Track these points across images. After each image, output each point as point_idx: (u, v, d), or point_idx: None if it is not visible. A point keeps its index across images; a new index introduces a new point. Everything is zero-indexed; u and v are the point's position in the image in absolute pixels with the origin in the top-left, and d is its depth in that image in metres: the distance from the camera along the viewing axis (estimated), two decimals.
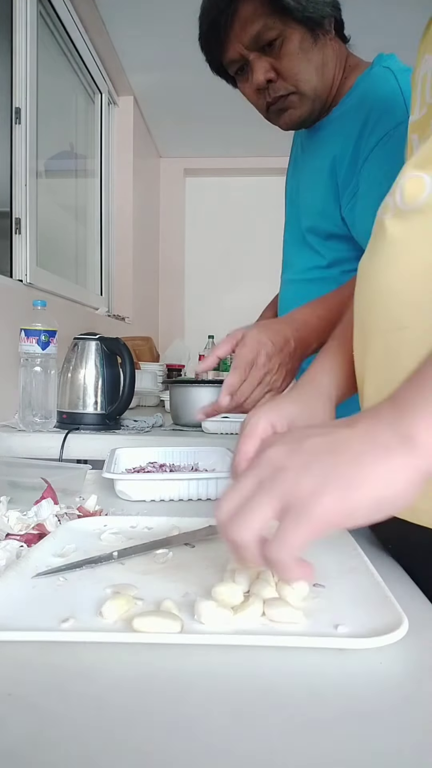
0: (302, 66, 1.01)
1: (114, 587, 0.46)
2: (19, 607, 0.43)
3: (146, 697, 0.33)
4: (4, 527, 0.61)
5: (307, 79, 1.02)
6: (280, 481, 0.36)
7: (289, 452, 0.37)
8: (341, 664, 0.37)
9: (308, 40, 1.00)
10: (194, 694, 0.33)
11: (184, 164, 4.01)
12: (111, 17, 2.37)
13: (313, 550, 0.55)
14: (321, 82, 1.04)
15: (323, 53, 1.03)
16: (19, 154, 1.82)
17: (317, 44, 1.01)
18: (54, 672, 0.35)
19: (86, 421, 1.35)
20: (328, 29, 1.02)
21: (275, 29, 0.98)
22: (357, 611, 0.42)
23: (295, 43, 0.99)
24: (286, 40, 0.99)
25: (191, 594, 0.45)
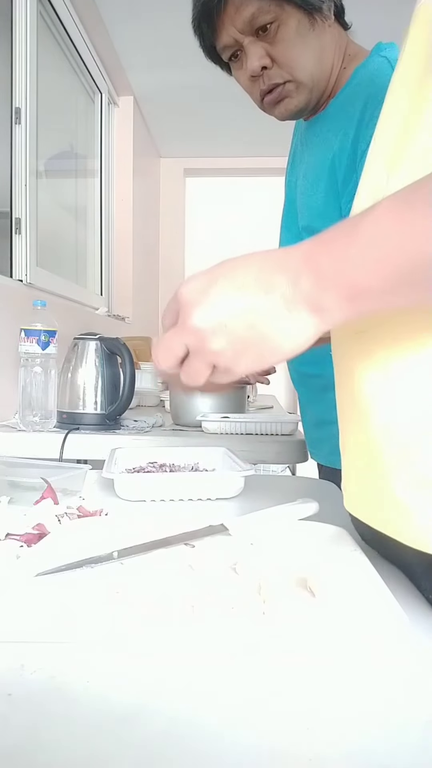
0: (299, 52, 0.97)
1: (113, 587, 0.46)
2: (19, 607, 0.43)
3: (146, 697, 0.33)
4: (4, 527, 0.61)
5: (303, 66, 0.98)
6: (210, 354, 0.45)
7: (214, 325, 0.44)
8: (341, 663, 0.37)
9: (305, 25, 0.96)
10: (193, 694, 0.33)
11: (184, 164, 4.01)
12: (111, 17, 2.37)
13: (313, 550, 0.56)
14: (319, 70, 0.99)
15: (321, 39, 0.98)
16: (19, 154, 1.83)
17: (315, 29, 0.97)
18: (54, 672, 0.35)
19: (86, 421, 1.35)
20: (328, 15, 0.97)
21: (270, 12, 0.94)
22: (357, 610, 0.42)
23: (291, 28, 0.95)
24: (282, 25, 0.95)
25: (191, 594, 0.45)
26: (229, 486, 0.83)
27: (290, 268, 0.42)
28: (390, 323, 0.44)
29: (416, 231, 0.37)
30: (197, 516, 0.65)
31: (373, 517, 0.49)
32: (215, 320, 0.44)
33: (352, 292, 0.40)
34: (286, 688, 0.34)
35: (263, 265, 0.43)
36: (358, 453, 0.50)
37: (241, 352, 0.44)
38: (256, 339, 0.44)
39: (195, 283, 0.45)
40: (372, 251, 0.38)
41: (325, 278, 0.41)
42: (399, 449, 0.44)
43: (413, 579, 0.51)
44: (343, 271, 0.40)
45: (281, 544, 0.57)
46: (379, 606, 0.42)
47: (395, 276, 0.38)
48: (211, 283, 0.44)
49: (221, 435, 1.31)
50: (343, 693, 0.34)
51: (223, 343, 0.44)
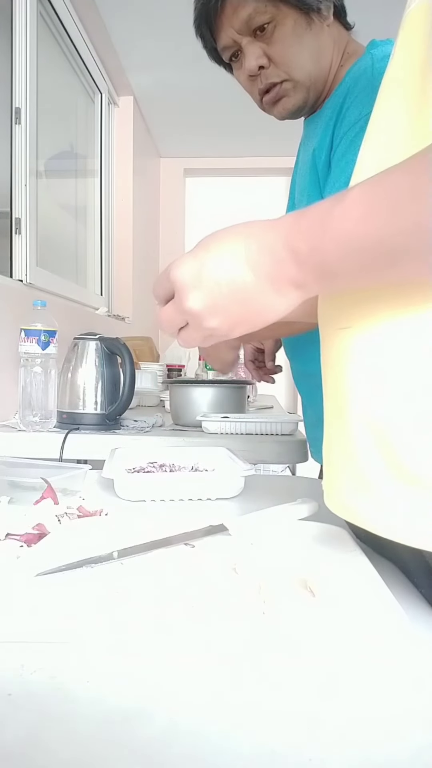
0: (295, 51, 0.98)
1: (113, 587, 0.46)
2: (20, 607, 0.43)
3: (146, 697, 0.33)
4: (4, 527, 0.61)
5: (301, 65, 0.99)
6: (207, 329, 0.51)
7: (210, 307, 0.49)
8: (341, 663, 0.37)
9: (302, 25, 0.97)
10: (193, 694, 0.33)
11: (184, 164, 4.01)
12: (111, 17, 2.37)
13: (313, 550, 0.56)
14: (316, 69, 1.00)
15: (319, 39, 0.98)
16: (19, 154, 1.83)
17: (312, 29, 0.97)
18: (54, 672, 0.35)
19: (86, 421, 1.35)
20: (326, 15, 0.98)
21: (267, 13, 0.95)
22: (356, 611, 0.42)
23: (288, 28, 0.96)
24: (279, 25, 0.96)
25: (191, 594, 0.45)
26: (229, 486, 0.83)
27: (273, 249, 0.46)
28: (373, 319, 0.46)
29: (383, 221, 0.39)
30: (197, 516, 0.65)
31: (351, 511, 0.49)
32: (210, 302, 0.49)
33: (323, 272, 0.44)
34: (286, 688, 0.34)
35: (249, 245, 0.47)
36: (339, 449, 0.50)
37: (234, 325, 0.50)
38: (248, 313, 0.49)
39: (187, 267, 0.49)
40: (342, 239, 0.42)
41: (303, 261, 0.45)
42: (379, 443, 0.45)
43: (408, 574, 0.51)
44: (317, 256, 0.44)
45: (281, 544, 0.57)
46: (379, 606, 0.42)
47: (362, 261, 0.41)
48: (203, 267, 0.49)
49: (221, 435, 1.31)
50: (343, 693, 0.34)
51: (218, 321, 0.50)
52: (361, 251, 0.41)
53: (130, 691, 0.34)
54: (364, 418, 0.46)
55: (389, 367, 0.45)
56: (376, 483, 0.45)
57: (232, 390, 1.44)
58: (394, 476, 0.43)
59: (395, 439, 0.44)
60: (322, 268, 0.44)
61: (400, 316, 0.44)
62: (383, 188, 0.40)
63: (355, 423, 0.47)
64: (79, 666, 0.36)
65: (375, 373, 0.46)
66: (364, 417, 0.46)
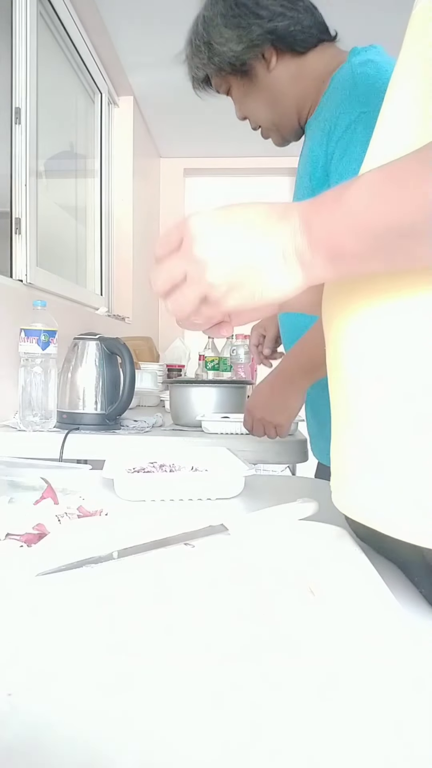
0: (252, 107, 1.12)
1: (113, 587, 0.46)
2: (19, 607, 0.43)
3: (146, 697, 0.33)
4: (4, 527, 0.61)
5: (261, 116, 1.12)
6: (206, 285, 0.48)
7: (217, 257, 0.47)
8: (340, 663, 0.37)
9: (246, 84, 1.08)
10: (194, 694, 0.33)
11: (184, 164, 4.01)
12: (111, 17, 2.37)
13: (313, 550, 0.56)
14: (276, 113, 1.11)
15: (269, 86, 1.08)
16: (19, 154, 1.82)
17: (257, 82, 1.08)
18: (54, 672, 0.35)
19: (86, 421, 1.35)
20: (267, 58, 1.05)
21: (222, 84, 1.12)
22: (356, 611, 0.42)
23: (238, 90, 1.11)
24: (233, 90, 1.12)
25: (191, 594, 0.45)
26: (229, 486, 0.83)
27: (290, 222, 0.46)
28: (380, 320, 0.46)
29: (393, 203, 0.40)
30: (197, 516, 0.65)
31: (359, 510, 0.49)
32: (218, 252, 0.47)
33: (334, 254, 0.44)
34: (286, 688, 0.34)
35: (270, 214, 0.47)
36: (344, 446, 0.50)
37: (233, 288, 0.48)
38: (251, 278, 0.47)
39: (205, 217, 0.49)
40: (353, 219, 0.42)
41: (316, 240, 0.45)
42: (383, 439, 0.45)
43: (408, 574, 0.51)
44: (328, 235, 0.44)
45: (281, 544, 0.57)
46: (379, 606, 0.42)
47: (372, 243, 0.42)
48: (221, 219, 0.48)
49: (221, 435, 1.31)
50: (343, 692, 0.34)
51: (220, 276, 0.47)
52: (371, 233, 0.41)
53: (129, 691, 0.34)
54: (371, 418, 0.46)
55: (396, 364, 0.45)
56: (384, 482, 0.45)
57: (232, 390, 1.44)
58: (403, 475, 0.43)
59: (403, 438, 0.44)
60: (330, 246, 0.44)
61: (407, 309, 0.44)
62: (394, 172, 0.41)
63: (363, 422, 0.47)
64: (79, 666, 0.36)
65: (382, 370, 0.46)
66: (371, 416, 0.46)
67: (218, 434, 1.32)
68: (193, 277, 0.48)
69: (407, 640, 0.38)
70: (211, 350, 2.55)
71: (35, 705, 0.32)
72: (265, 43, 1.04)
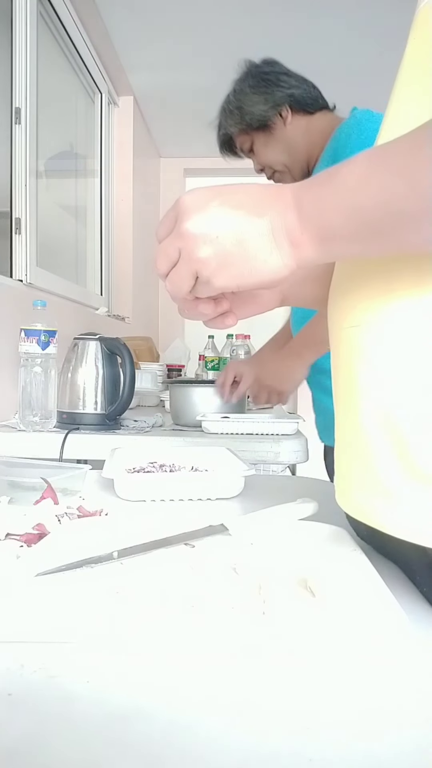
0: (270, 155, 1.44)
1: (113, 587, 0.46)
2: (20, 607, 0.43)
3: (145, 697, 0.33)
4: (4, 527, 0.61)
5: (277, 161, 1.44)
6: (197, 261, 0.48)
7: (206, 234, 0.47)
8: (341, 663, 0.37)
9: (267, 136, 1.42)
10: (193, 694, 0.33)
11: (184, 164, 4.01)
12: (111, 17, 2.37)
13: (313, 550, 0.56)
14: (290, 159, 1.43)
15: (286, 137, 1.41)
16: (19, 154, 1.82)
17: (275, 135, 1.42)
18: (54, 672, 0.35)
19: (86, 421, 1.35)
20: (277, 121, 1.40)
21: (246, 142, 1.46)
22: (356, 610, 0.42)
23: (260, 143, 1.44)
24: (254, 143, 1.45)
25: (190, 594, 0.45)
26: (229, 486, 0.83)
27: (282, 201, 0.46)
28: (382, 315, 0.46)
29: (384, 185, 0.40)
30: (197, 516, 0.65)
31: (362, 510, 0.49)
32: (208, 228, 0.47)
33: (324, 234, 0.44)
34: (286, 688, 0.34)
35: (262, 194, 0.47)
36: (351, 449, 0.50)
37: (224, 265, 0.48)
38: (241, 256, 0.47)
39: (197, 194, 0.49)
40: (343, 197, 0.42)
41: (306, 217, 0.44)
42: (388, 439, 0.45)
43: (409, 573, 0.51)
44: (319, 214, 0.44)
45: (281, 544, 0.57)
46: (379, 606, 0.42)
47: (361, 224, 0.42)
48: (213, 197, 0.48)
49: (221, 435, 1.31)
50: (343, 693, 0.34)
51: (210, 252, 0.47)
52: (361, 212, 0.41)
53: (129, 691, 0.34)
54: (375, 418, 0.46)
55: (400, 365, 0.45)
56: (388, 482, 0.45)
57: None
58: (407, 476, 0.44)
59: (407, 438, 0.44)
60: (322, 225, 0.44)
61: (411, 310, 0.44)
62: (386, 153, 0.41)
63: (367, 423, 0.47)
64: (79, 666, 0.36)
65: (386, 371, 0.46)
66: (375, 417, 0.46)
67: (218, 434, 1.32)
68: (186, 254, 0.49)
69: (407, 640, 0.38)
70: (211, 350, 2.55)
71: (35, 705, 0.32)
72: (284, 103, 1.39)
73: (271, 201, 0.46)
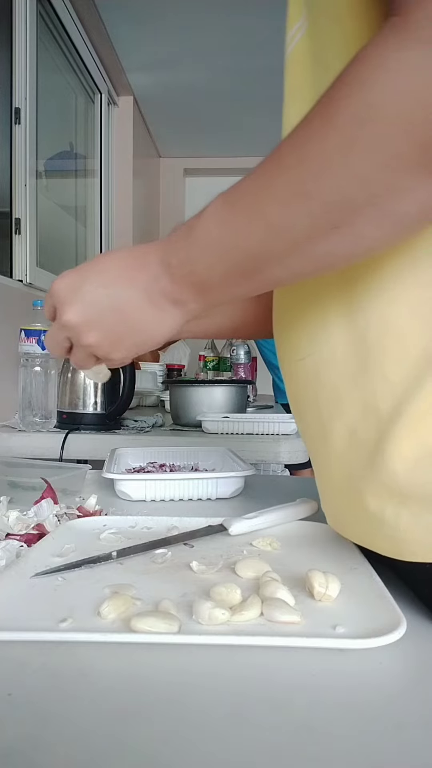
0: None
1: (112, 587, 0.46)
2: (19, 606, 0.43)
3: (145, 697, 0.33)
4: (4, 527, 0.61)
5: None
6: (87, 347, 0.50)
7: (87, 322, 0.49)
8: (341, 664, 0.37)
9: None
10: (193, 694, 0.33)
11: (184, 164, 4.01)
12: (111, 17, 2.37)
13: (313, 550, 0.56)
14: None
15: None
16: (19, 154, 1.83)
17: None
18: (53, 672, 0.35)
19: (86, 421, 1.35)
20: None
21: None
22: (355, 611, 0.42)
23: None
24: None
25: (189, 594, 0.45)
26: (229, 486, 0.83)
27: (149, 266, 0.46)
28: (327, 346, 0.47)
29: (238, 230, 0.40)
30: (197, 516, 0.65)
31: (352, 531, 0.50)
32: (87, 316, 0.48)
33: (200, 287, 0.45)
34: (286, 689, 0.34)
35: (128, 263, 0.48)
36: (327, 471, 0.51)
37: (116, 343, 0.49)
38: (128, 330, 0.49)
39: (67, 281, 0.50)
40: (204, 251, 0.43)
41: (178, 278, 0.45)
42: (364, 462, 0.45)
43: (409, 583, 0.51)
44: (188, 271, 0.44)
45: (281, 544, 0.57)
46: (379, 606, 0.42)
47: (228, 270, 0.42)
48: (83, 281, 0.49)
49: (221, 435, 1.31)
50: (343, 693, 0.34)
51: (98, 336, 0.49)
52: (225, 258, 0.42)
53: (130, 691, 0.34)
54: (342, 440, 0.47)
55: (350, 388, 0.45)
56: (367, 504, 0.45)
57: (232, 390, 1.44)
58: (383, 493, 0.44)
59: (373, 458, 0.44)
60: (194, 280, 0.44)
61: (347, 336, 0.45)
62: (237, 195, 0.41)
63: (337, 446, 0.47)
64: (79, 666, 0.36)
65: (338, 399, 0.46)
66: (344, 440, 0.47)
67: (218, 434, 1.32)
68: (76, 341, 0.50)
69: (406, 640, 0.38)
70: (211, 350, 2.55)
71: (35, 705, 0.32)
72: None
73: (140, 268, 0.47)
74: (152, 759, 0.28)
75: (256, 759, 0.28)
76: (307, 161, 0.35)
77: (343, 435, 0.47)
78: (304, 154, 0.36)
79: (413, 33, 0.30)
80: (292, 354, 0.51)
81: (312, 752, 0.29)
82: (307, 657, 0.37)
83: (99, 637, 0.39)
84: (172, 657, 0.37)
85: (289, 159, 0.37)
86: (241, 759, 0.28)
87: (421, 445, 0.41)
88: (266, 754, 0.29)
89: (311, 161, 0.35)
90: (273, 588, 0.44)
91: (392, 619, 0.40)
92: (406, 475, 0.42)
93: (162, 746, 0.29)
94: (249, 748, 0.29)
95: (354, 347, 0.45)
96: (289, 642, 0.38)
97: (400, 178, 0.33)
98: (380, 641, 0.37)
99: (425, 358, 0.41)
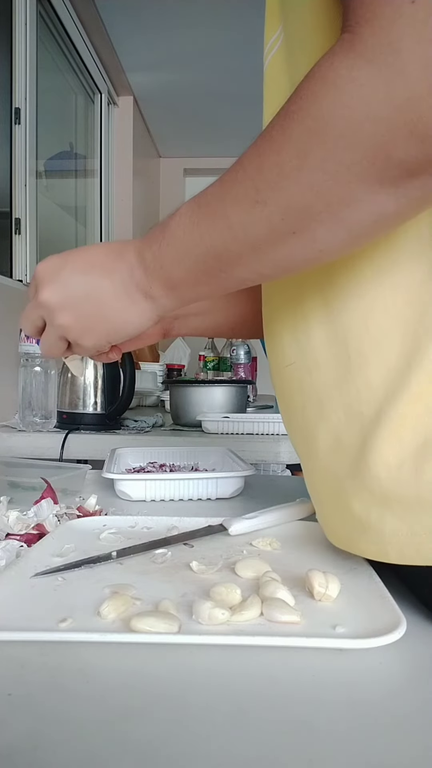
0: None
1: (112, 587, 0.46)
2: (19, 606, 0.43)
3: (145, 697, 0.33)
4: (4, 527, 0.61)
5: None
6: (59, 327, 0.52)
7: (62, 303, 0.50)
8: (340, 664, 0.37)
9: None
10: (193, 694, 0.34)
11: (184, 164, 4.01)
12: (111, 17, 2.37)
13: (313, 550, 0.56)
14: None
15: None
16: (19, 154, 1.83)
17: None
18: (54, 672, 0.35)
19: (86, 421, 1.35)
20: None
21: None
22: (355, 611, 0.42)
23: None
24: None
25: (189, 594, 0.45)
26: (229, 486, 0.83)
27: (127, 258, 0.48)
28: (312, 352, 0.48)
29: (205, 230, 0.41)
30: (197, 516, 0.65)
31: (339, 535, 0.50)
32: (62, 298, 0.50)
33: (171, 284, 0.46)
34: (286, 688, 0.34)
35: (108, 254, 0.50)
36: (314, 476, 0.51)
37: (87, 329, 0.51)
38: (100, 318, 0.50)
39: (50, 263, 0.51)
40: (175, 248, 0.44)
41: (151, 272, 0.47)
42: (348, 466, 0.45)
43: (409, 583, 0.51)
44: (161, 267, 0.46)
45: (281, 544, 0.57)
46: (379, 607, 0.42)
47: (193, 268, 0.44)
48: (64, 264, 0.51)
49: (221, 435, 1.31)
50: (343, 693, 0.34)
51: (70, 319, 0.50)
52: (191, 256, 0.43)
53: (130, 691, 0.34)
54: (329, 449, 0.47)
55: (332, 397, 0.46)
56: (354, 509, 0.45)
57: (232, 390, 1.44)
58: (369, 499, 0.44)
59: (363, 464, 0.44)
60: (164, 275, 0.46)
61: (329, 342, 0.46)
62: (204, 199, 0.42)
63: (323, 453, 0.47)
64: (79, 665, 0.36)
65: (322, 404, 0.47)
66: (329, 447, 0.47)
67: (218, 434, 1.32)
68: (49, 321, 0.52)
69: (406, 640, 0.38)
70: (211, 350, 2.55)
71: (35, 705, 0.32)
72: None
73: (118, 259, 0.49)
74: (152, 759, 0.28)
75: (256, 759, 0.28)
76: (265, 170, 0.37)
77: (327, 440, 0.47)
78: (261, 162, 0.37)
79: (360, 51, 0.32)
80: (279, 360, 0.52)
81: (312, 751, 0.29)
82: (307, 657, 0.37)
83: (99, 637, 0.39)
84: (172, 657, 0.37)
85: (249, 167, 0.39)
86: (241, 759, 0.28)
87: (403, 448, 0.42)
88: (266, 753, 0.29)
89: (268, 171, 0.37)
90: (273, 588, 0.44)
91: (392, 619, 0.40)
92: (390, 478, 0.42)
93: (162, 746, 0.29)
94: (249, 747, 0.29)
95: (336, 351, 0.46)
96: (289, 642, 0.38)
97: (353, 189, 0.34)
98: (380, 641, 0.37)
99: (406, 362, 0.42)
